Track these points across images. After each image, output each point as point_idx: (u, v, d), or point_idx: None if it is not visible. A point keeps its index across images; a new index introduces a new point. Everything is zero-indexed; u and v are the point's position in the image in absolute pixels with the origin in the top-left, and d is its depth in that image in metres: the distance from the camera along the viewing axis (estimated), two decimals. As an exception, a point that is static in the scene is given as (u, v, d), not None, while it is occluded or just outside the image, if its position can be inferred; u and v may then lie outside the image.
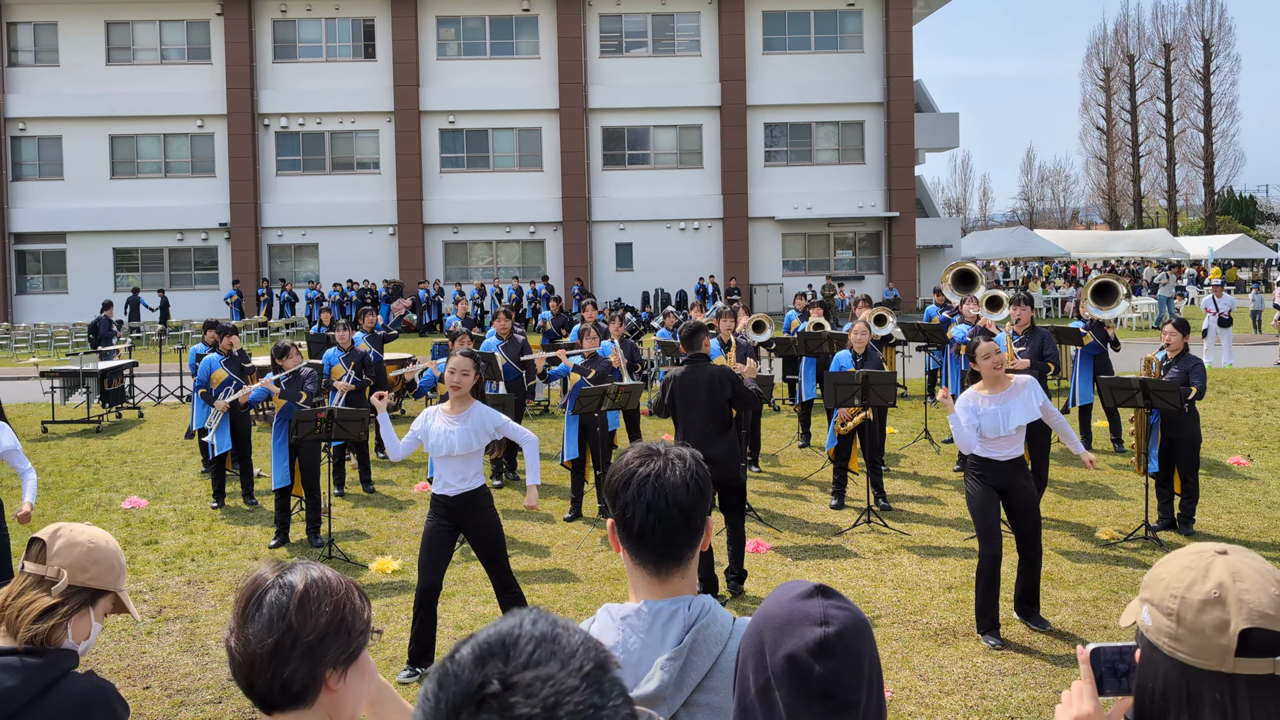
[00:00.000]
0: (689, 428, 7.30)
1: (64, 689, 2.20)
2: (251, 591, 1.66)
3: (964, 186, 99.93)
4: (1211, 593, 1.52)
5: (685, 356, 7.48)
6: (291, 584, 1.66)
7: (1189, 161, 65.68)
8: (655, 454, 2.04)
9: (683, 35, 36.27)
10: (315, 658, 1.63)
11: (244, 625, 1.63)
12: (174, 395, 18.11)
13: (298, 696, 1.63)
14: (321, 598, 1.66)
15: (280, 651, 1.60)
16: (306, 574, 1.69)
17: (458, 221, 35.89)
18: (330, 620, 1.65)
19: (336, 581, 1.70)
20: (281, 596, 1.64)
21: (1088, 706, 1.66)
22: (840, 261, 37.22)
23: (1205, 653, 1.51)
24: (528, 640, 1.09)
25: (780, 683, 1.48)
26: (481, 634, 1.11)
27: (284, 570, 1.70)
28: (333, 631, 1.65)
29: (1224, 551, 1.58)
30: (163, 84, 35.33)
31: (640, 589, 2.03)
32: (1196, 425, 8.81)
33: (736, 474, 7.39)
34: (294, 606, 1.63)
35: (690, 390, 7.27)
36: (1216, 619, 1.51)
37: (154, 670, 6.29)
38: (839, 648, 1.48)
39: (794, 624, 1.51)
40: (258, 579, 1.68)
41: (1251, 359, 21.29)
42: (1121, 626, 1.72)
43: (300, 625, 1.62)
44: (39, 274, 36.04)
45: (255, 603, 1.64)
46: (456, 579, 7.93)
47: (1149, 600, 1.60)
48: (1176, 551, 1.64)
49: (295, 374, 9.20)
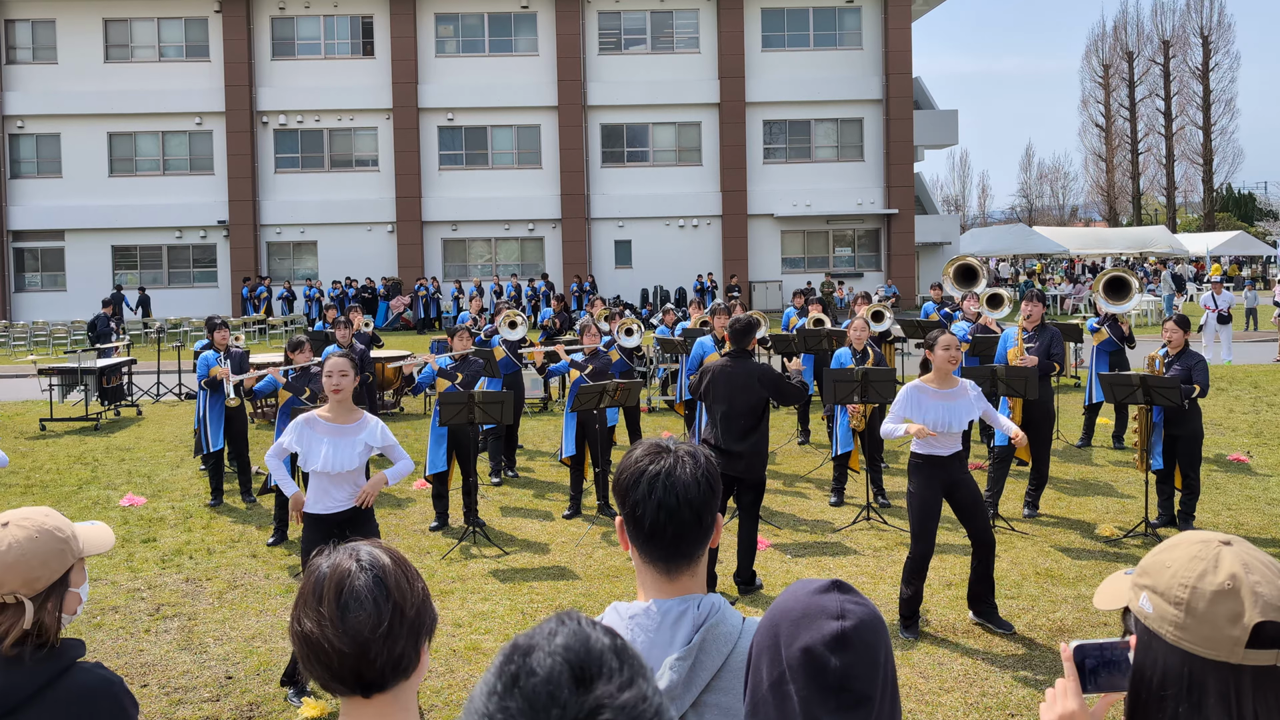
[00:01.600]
0: (721, 422, 7.26)
1: (70, 681, 2.14)
2: (339, 583, 1.64)
3: (963, 184, 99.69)
4: (1225, 584, 1.52)
5: (730, 351, 7.43)
6: (379, 563, 1.68)
7: (1188, 158, 65.71)
8: (665, 451, 2.02)
9: (681, 32, 36.24)
10: (417, 628, 1.67)
11: (342, 618, 1.61)
12: (172, 393, 18.08)
13: (406, 670, 1.66)
14: (406, 570, 1.71)
15: (393, 631, 1.63)
16: (379, 553, 1.70)
17: (456, 219, 35.87)
18: (420, 589, 1.71)
19: (398, 552, 1.74)
20: (374, 579, 1.65)
21: (1072, 704, 1.65)
22: (839, 259, 37.22)
23: (1214, 643, 1.51)
24: (611, 654, 1.09)
25: (795, 676, 1.48)
26: (560, 647, 1.09)
27: (356, 553, 1.69)
28: (423, 600, 1.70)
29: (1228, 542, 1.57)
30: (161, 81, 35.29)
31: (649, 587, 2.02)
32: (1199, 421, 8.79)
33: (761, 473, 7.34)
34: (393, 585, 1.66)
35: (728, 385, 7.22)
36: (1230, 610, 1.50)
37: (151, 668, 6.27)
38: (855, 642, 1.48)
39: (810, 618, 1.51)
40: (338, 569, 1.66)
41: (1250, 356, 21.29)
42: (1100, 609, 1.70)
43: (402, 601, 1.65)
44: (37, 271, 36.01)
45: (350, 593, 1.63)
46: (455, 576, 7.92)
47: (1150, 588, 1.59)
48: (1175, 539, 1.63)
49: (305, 370, 9.18)
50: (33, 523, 2.18)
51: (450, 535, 9.13)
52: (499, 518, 9.73)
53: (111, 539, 2.37)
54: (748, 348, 7.36)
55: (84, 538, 2.29)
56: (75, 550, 2.23)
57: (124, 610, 7.22)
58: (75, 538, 2.24)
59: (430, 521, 9.48)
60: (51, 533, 2.18)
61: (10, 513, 2.21)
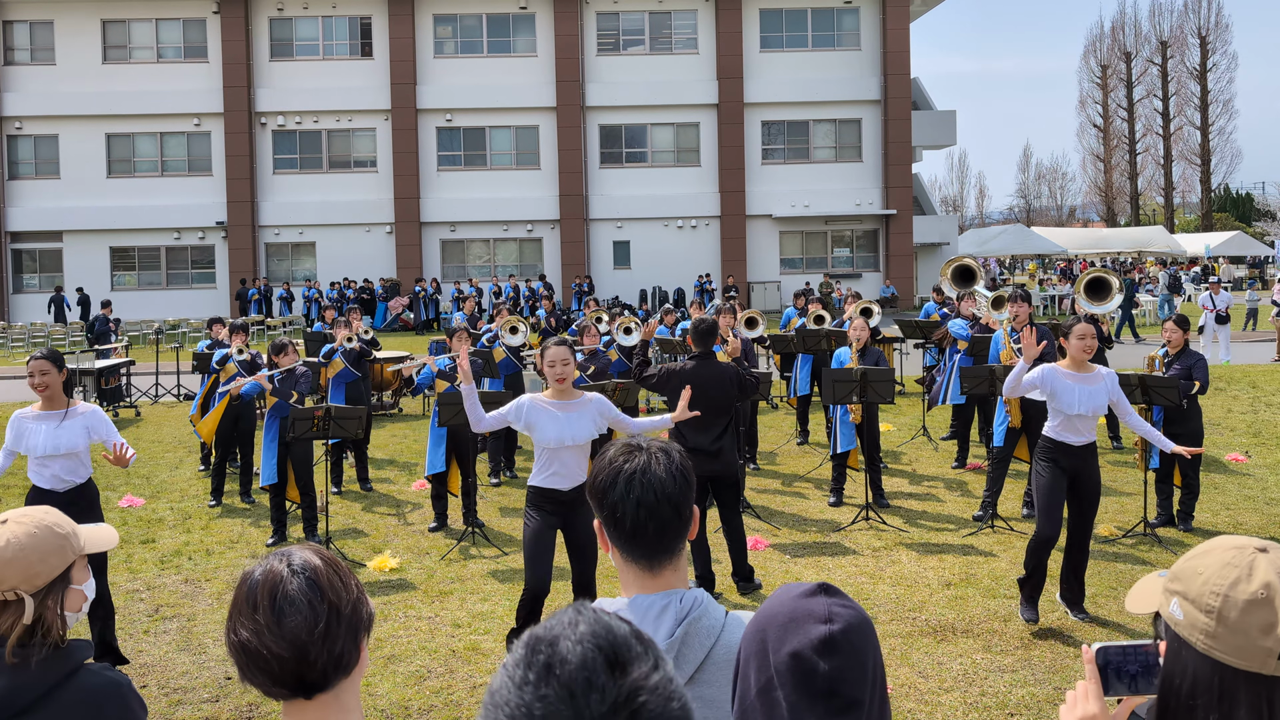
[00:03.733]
0: (689, 422, 7.28)
1: (78, 683, 2.13)
2: (272, 588, 1.65)
3: (961, 184, 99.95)
4: (1259, 593, 1.48)
5: (695, 353, 7.46)
6: (310, 565, 1.69)
7: (1186, 159, 65.74)
8: (638, 449, 2.03)
9: (680, 33, 36.25)
10: (355, 625, 1.69)
11: (279, 623, 1.62)
12: (171, 394, 18.07)
13: (347, 667, 1.68)
14: (338, 569, 1.72)
15: (331, 631, 1.64)
16: (310, 555, 1.71)
17: (455, 220, 35.85)
18: (354, 586, 1.72)
19: (329, 553, 1.76)
20: (307, 581, 1.66)
21: (1093, 707, 1.63)
22: (837, 259, 37.22)
23: (1246, 654, 1.47)
24: (634, 639, 1.12)
25: (784, 681, 1.47)
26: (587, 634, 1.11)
27: (286, 558, 1.70)
28: (358, 597, 1.72)
29: (1264, 549, 1.53)
30: (159, 82, 35.26)
31: (631, 585, 2.02)
32: (1199, 421, 8.80)
33: (734, 470, 7.43)
34: (326, 585, 1.67)
35: (700, 386, 7.25)
36: (1263, 621, 1.46)
37: (151, 669, 6.27)
38: (844, 645, 1.47)
39: (798, 622, 1.49)
40: (271, 574, 1.67)
41: (1249, 356, 21.31)
42: (1131, 611, 1.68)
43: (337, 600, 1.67)
44: (35, 273, 35.98)
45: (284, 597, 1.64)
46: (454, 576, 7.92)
47: (1181, 594, 1.55)
48: (1210, 544, 1.59)
49: (290, 372, 9.17)
50: (31, 519, 2.18)
51: (450, 536, 9.13)
52: (498, 518, 9.73)
53: (115, 538, 2.38)
54: (711, 348, 7.47)
55: (86, 535, 2.30)
56: (75, 547, 2.23)
57: (123, 611, 7.22)
58: (75, 534, 2.25)
59: (429, 522, 9.48)
60: (51, 528, 2.19)
61: (10, 511, 2.22)
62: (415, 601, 7.39)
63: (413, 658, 6.34)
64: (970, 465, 11.31)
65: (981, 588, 7.36)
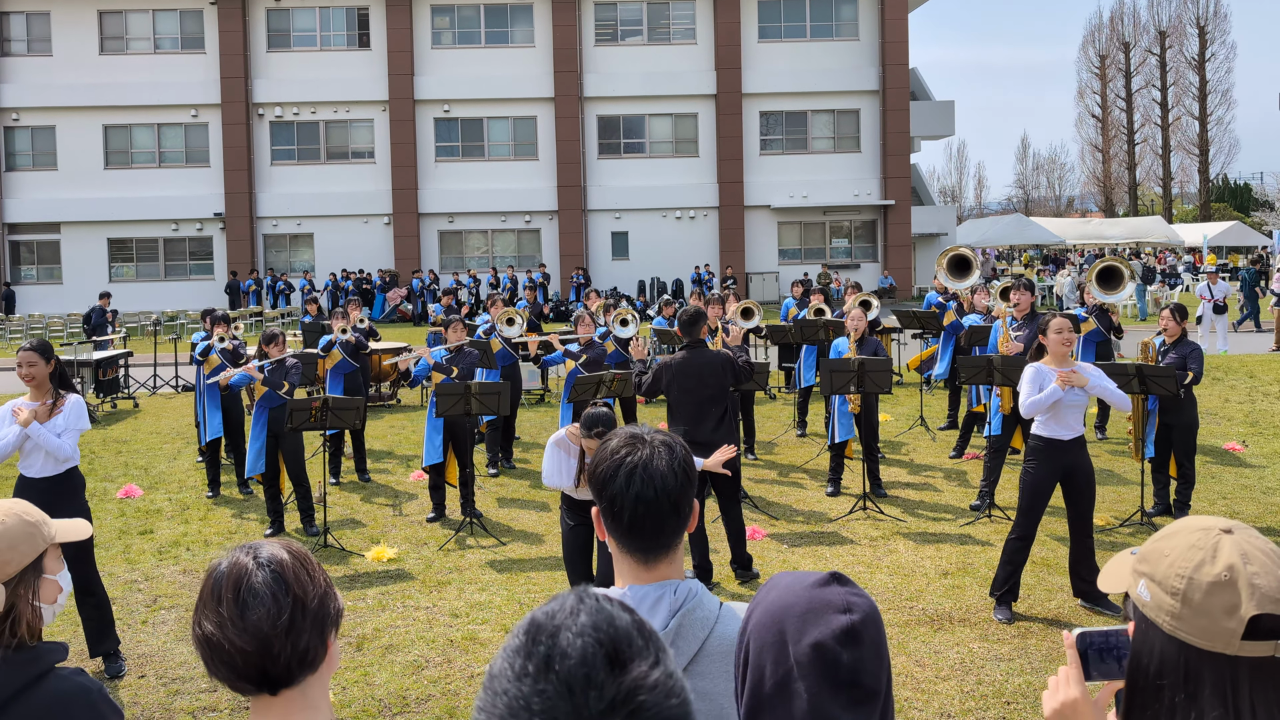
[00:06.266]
0: (686, 414, 7.29)
1: (45, 688, 2.08)
2: (236, 581, 1.63)
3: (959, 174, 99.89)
4: (1222, 575, 1.49)
5: (684, 343, 7.46)
6: (276, 559, 1.67)
7: (1184, 149, 65.72)
8: (640, 441, 2.01)
9: (678, 23, 36.16)
10: (321, 620, 1.67)
11: (242, 615, 1.60)
12: (169, 385, 18.08)
13: (313, 663, 1.66)
14: (305, 563, 1.70)
15: (295, 625, 1.62)
16: (277, 549, 1.70)
17: (453, 211, 35.81)
18: (321, 581, 1.70)
19: (298, 547, 1.74)
20: (272, 574, 1.65)
21: (1075, 691, 1.64)
22: (836, 250, 37.20)
23: (1210, 635, 1.48)
24: (636, 632, 1.10)
25: (805, 672, 1.45)
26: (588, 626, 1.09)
27: (253, 551, 1.69)
28: (325, 592, 1.70)
29: (1229, 530, 1.54)
30: (156, 74, 35.17)
31: (626, 575, 2.02)
32: (1194, 411, 8.80)
33: (733, 460, 7.39)
34: (292, 579, 1.65)
35: (689, 377, 7.25)
36: (1226, 602, 1.47)
37: (149, 659, 6.29)
38: (864, 635, 1.46)
39: (816, 612, 1.48)
40: (236, 567, 1.66)
41: (1246, 345, 21.32)
42: (1102, 590, 1.69)
43: (303, 594, 1.65)
44: (33, 264, 35.93)
45: (248, 590, 1.62)
46: (453, 566, 7.93)
47: (1148, 575, 1.57)
48: (1177, 525, 1.59)
49: (280, 363, 9.15)
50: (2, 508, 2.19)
51: (447, 526, 9.14)
52: (496, 509, 9.74)
53: (88, 529, 2.37)
54: (700, 337, 7.43)
55: (57, 525, 2.30)
56: (45, 534, 2.23)
57: (121, 602, 7.23)
58: (45, 523, 2.25)
59: (427, 513, 9.49)
60: (20, 516, 2.19)
61: None
62: (413, 592, 7.40)
63: (410, 647, 6.35)
64: (967, 455, 11.32)
65: (978, 577, 7.37)
